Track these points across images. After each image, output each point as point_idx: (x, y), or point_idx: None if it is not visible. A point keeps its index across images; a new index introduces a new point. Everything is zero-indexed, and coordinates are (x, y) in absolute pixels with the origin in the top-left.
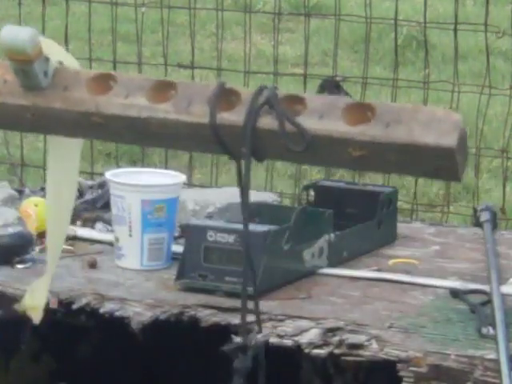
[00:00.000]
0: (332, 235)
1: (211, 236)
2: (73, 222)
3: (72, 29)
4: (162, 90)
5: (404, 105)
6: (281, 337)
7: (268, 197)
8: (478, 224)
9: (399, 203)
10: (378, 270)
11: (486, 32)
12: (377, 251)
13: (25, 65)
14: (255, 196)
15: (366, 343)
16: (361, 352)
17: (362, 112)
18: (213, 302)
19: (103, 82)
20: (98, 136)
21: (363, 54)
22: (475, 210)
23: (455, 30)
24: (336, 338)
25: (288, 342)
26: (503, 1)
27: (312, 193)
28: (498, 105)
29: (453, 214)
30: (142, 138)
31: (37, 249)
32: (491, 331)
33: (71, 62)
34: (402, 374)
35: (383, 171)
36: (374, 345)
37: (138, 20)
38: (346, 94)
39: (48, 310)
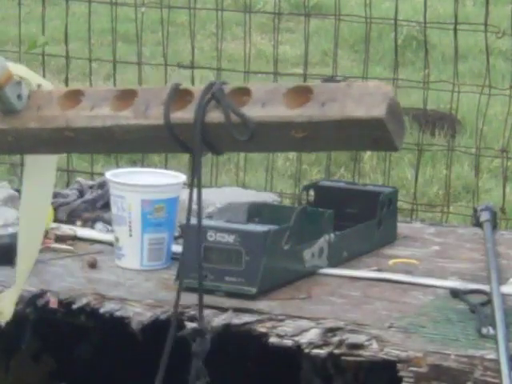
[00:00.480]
0: (332, 235)
1: (211, 236)
2: (73, 221)
3: (72, 29)
4: (125, 98)
5: (339, 84)
6: (281, 337)
7: (268, 197)
8: (477, 224)
9: (399, 203)
10: (378, 270)
11: (485, 32)
12: (377, 251)
13: None
14: (255, 196)
15: (365, 343)
16: (361, 352)
17: (301, 95)
18: (213, 302)
19: (73, 98)
20: (71, 150)
21: (363, 53)
22: (475, 210)
23: (455, 30)
24: (336, 338)
25: (288, 342)
26: (503, 1)
27: (312, 193)
28: (498, 105)
29: (453, 214)
30: (109, 146)
31: None
32: (491, 331)
33: (46, 84)
34: (401, 374)
35: (327, 149)
36: (374, 345)
37: (137, 20)
38: None
39: (48, 310)
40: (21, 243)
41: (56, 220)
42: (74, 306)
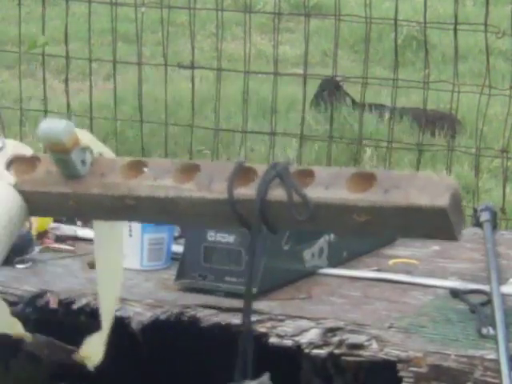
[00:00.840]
0: (332, 235)
1: (211, 236)
2: (73, 221)
3: (72, 29)
4: (188, 171)
5: (402, 172)
6: (281, 337)
7: None
8: (477, 224)
9: None
10: (378, 270)
11: (486, 32)
12: (377, 251)
13: (63, 155)
14: None
15: (365, 343)
16: (361, 352)
17: (364, 180)
18: (213, 302)
19: (136, 168)
20: (131, 218)
21: (363, 54)
22: (475, 210)
23: (455, 30)
24: (336, 338)
25: (288, 342)
26: (503, 1)
27: None
28: (498, 105)
29: None
30: (170, 217)
31: (37, 249)
32: (491, 331)
33: (107, 152)
34: (401, 374)
35: (387, 235)
36: (374, 345)
37: (137, 20)
38: (346, 94)
39: (48, 310)
40: (101, 288)
41: (56, 220)
42: (74, 306)
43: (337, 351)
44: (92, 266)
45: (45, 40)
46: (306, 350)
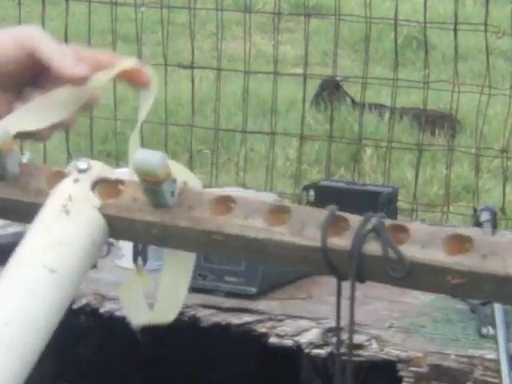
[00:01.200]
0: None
1: None
2: None
3: (72, 29)
4: (278, 213)
5: (500, 239)
6: (281, 337)
7: (268, 197)
8: (477, 224)
9: (399, 203)
10: None
11: (486, 32)
12: None
13: (155, 186)
14: (255, 196)
15: (365, 343)
16: (361, 352)
17: (460, 243)
18: (213, 302)
19: (224, 203)
20: (216, 252)
21: (363, 54)
22: (475, 210)
23: (455, 30)
24: (336, 338)
25: (288, 342)
26: (503, 1)
27: (312, 193)
28: (498, 105)
29: (453, 214)
30: (257, 256)
31: None
32: (491, 331)
33: (194, 181)
34: (401, 374)
35: (480, 298)
36: (374, 345)
37: (137, 20)
38: (346, 94)
39: None
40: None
41: None
42: (74, 306)
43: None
44: (92, 265)
45: None
46: (306, 350)
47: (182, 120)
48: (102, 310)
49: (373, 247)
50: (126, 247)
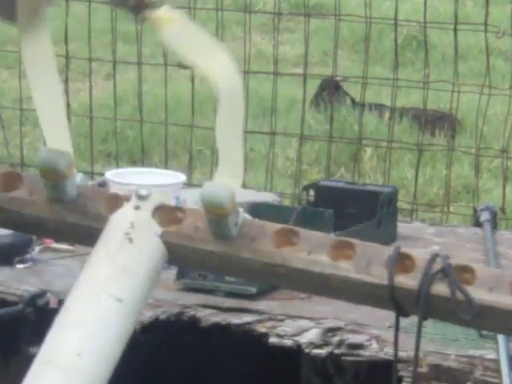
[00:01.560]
0: (332, 235)
1: None
2: None
3: (72, 29)
4: (342, 248)
5: None
6: (281, 337)
7: (268, 197)
8: (477, 224)
9: (399, 203)
10: None
11: (485, 32)
12: None
13: (220, 217)
14: (255, 196)
15: (366, 343)
16: (361, 352)
17: None
18: (213, 302)
19: (286, 236)
20: (279, 283)
21: (363, 54)
22: (475, 210)
23: (455, 30)
24: (336, 338)
25: (288, 342)
26: (503, 1)
27: (312, 193)
28: (498, 105)
29: (453, 214)
30: (322, 291)
31: (37, 249)
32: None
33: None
34: (401, 373)
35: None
36: (374, 345)
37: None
38: (346, 94)
39: (48, 310)
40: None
41: None
42: None
43: (337, 351)
44: None
45: None
46: (306, 350)
47: (182, 120)
48: None
49: (440, 288)
50: None
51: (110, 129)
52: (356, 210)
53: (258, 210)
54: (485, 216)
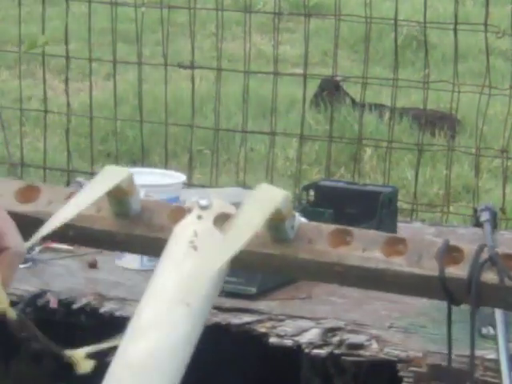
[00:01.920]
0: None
1: None
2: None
3: (72, 29)
4: (394, 244)
5: None
6: (281, 337)
7: None
8: (477, 224)
9: (399, 203)
10: None
11: (485, 32)
12: None
13: (278, 222)
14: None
15: (366, 343)
16: (361, 352)
17: None
18: None
19: (341, 236)
20: (337, 282)
21: (363, 54)
22: (475, 210)
23: (455, 30)
24: (336, 338)
25: (288, 342)
26: (503, 1)
27: (312, 193)
28: (498, 105)
29: (453, 214)
30: (376, 286)
31: (37, 249)
32: (491, 331)
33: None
34: (401, 373)
35: None
36: (374, 345)
37: (137, 20)
38: (346, 94)
39: (48, 310)
40: None
41: None
42: (74, 306)
43: (337, 351)
44: (92, 265)
45: (45, 39)
46: (306, 350)
47: (182, 120)
48: (101, 310)
49: (489, 276)
50: None
51: (109, 129)
52: (356, 210)
53: None
54: (485, 216)
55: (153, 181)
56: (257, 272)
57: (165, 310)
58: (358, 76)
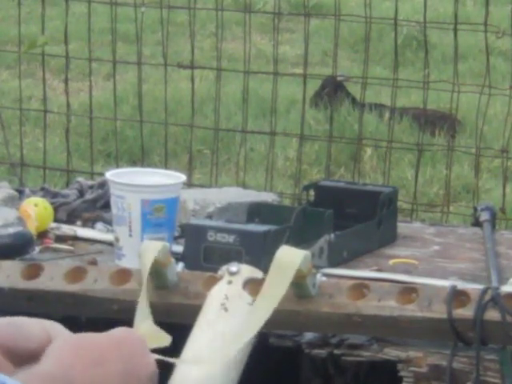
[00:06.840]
0: (332, 235)
1: (211, 236)
2: (73, 221)
3: (72, 29)
4: (406, 293)
5: None
6: (281, 337)
7: (268, 197)
8: (477, 224)
9: (399, 203)
10: (378, 270)
11: (485, 32)
12: (377, 251)
13: (300, 280)
14: (255, 196)
15: (365, 343)
16: (361, 352)
17: None
18: None
19: (359, 289)
20: (355, 332)
21: (363, 54)
22: (475, 210)
23: (455, 30)
24: (336, 338)
25: (288, 342)
26: (503, 1)
27: (312, 193)
28: (498, 105)
29: (453, 214)
30: (392, 332)
31: (37, 249)
32: None
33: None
34: (401, 374)
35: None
36: (374, 345)
37: (137, 20)
38: (348, 93)
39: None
40: None
41: (56, 220)
42: None
43: (337, 351)
44: (92, 265)
45: (45, 39)
46: (306, 350)
47: (182, 120)
48: None
49: (491, 314)
50: (127, 247)
51: (109, 129)
52: (356, 210)
53: (258, 210)
54: (485, 216)
55: (153, 181)
56: (283, 328)
57: (199, 369)
58: (358, 76)
